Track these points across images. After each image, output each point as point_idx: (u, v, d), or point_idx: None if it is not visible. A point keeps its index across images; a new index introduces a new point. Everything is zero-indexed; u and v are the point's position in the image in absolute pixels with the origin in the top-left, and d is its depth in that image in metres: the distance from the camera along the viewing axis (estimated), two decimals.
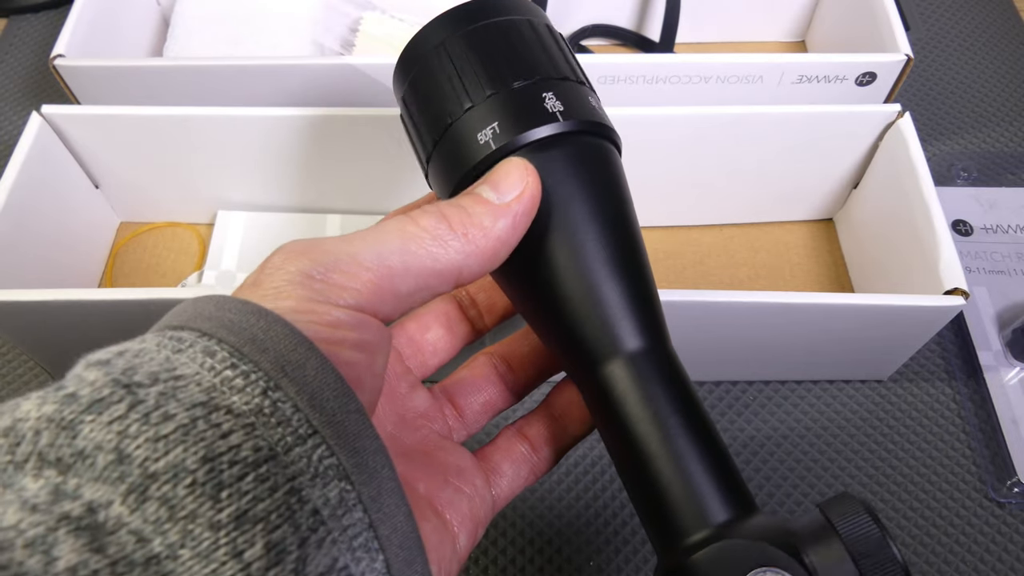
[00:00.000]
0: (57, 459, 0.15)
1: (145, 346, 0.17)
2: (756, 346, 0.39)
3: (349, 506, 0.17)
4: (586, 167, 0.22)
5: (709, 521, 0.20)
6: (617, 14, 0.54)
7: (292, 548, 0.15)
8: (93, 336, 0.36)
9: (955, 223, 0.48)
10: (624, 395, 0.21)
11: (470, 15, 0.23)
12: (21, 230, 0.38)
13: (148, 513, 0.14)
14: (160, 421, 0.15)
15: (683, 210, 0.47)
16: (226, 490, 0.15)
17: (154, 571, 0.14)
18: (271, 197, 0.45)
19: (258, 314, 0.17)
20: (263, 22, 0.50)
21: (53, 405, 0.16)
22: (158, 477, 0.15)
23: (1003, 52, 0.57)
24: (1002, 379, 0.41)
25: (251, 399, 0.16)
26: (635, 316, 0.21)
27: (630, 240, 0.22)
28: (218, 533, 0.15)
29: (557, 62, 0.23)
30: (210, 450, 0.15)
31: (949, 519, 0.38)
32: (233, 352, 0.17)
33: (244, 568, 0.15)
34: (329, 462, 0.16)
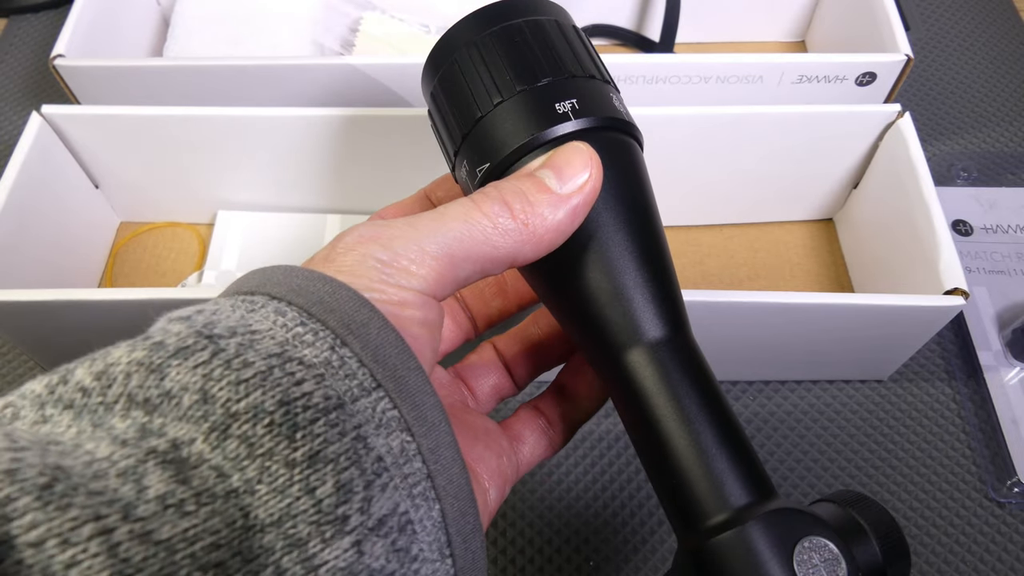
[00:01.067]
0: (145, 399, 0.16)
1: (219, 307, 0.19)
2: (756, 346, 0.39)
3: (409, 456, 0.18)
4: (613, 161, 0.22)
5: (730, 503, 0.20)
6: (617, 14, 0.54)
7: (358, 489, 0.16)
8: (93, 336, 0.36)
9: (955, 223, 0.48)
10: (647, 382, 0.21)
11: (499, 15, 0.24)
12: (21, 230, 0.38)
13: (228, 450, 0.16)
14: (240, 367, 0.16)
15: (683, 210, 0.47)
16: (300, 431, 0.16)
17: (233, 503, 0.15)
18: (271, 197, 0.45)
19: (323, 280, 0.19)
20: (263, 22, 0.50)
21: (143, 351, 0.17)
22: (239, 416, 0.16)
23: (1003, 52, 0.57)
24: (1002, 379, 0.41)
25: (320, 353, 0.17)
26: (658, 306, 0.22)
27: (654, 233, 0.23)
28: (292, 470, 0.16)
29: (583, 61, 0.24)
30: (286, 395, 0.16)
31: (949, 519, 0.38)
32: (302, 312, 0.18)
33: (316, 504, 0.16)
34: (392, 414, 0.18)
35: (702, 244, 0.47)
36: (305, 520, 0.16)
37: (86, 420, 0.16)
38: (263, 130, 0.41)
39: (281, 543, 0.15)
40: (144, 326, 0.20)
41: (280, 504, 0.15)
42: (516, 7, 0.24)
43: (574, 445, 0.40)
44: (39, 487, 0.13)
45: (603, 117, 0.22)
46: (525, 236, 0.20)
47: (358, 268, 0.19)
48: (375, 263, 0.19)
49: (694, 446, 0.20)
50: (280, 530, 0.15)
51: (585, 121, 0.22)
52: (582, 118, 0.22)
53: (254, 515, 0.15)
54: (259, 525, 0.15)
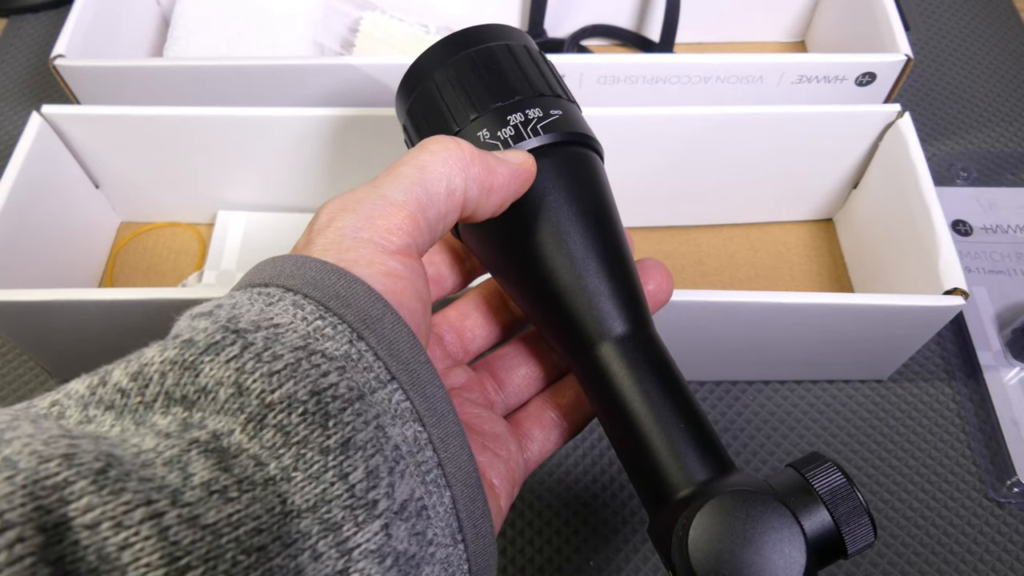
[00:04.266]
0: (183, 396, 0.17)
1: (237, 300, 0.19)
2: (756, 346, 0.39)
3: (422, 444, 0.18)
4: (572, 173, 0.25)
5: (693, 479, 0.22)
6: (617, 14, 0.54)
7: (384, 474, 0.17)
8: (93, 336, 0.36)
9: (955, 223, 0.48)
10: (614, 373, 0.23)
11: (471, 40, 0.26)
12: (21, 230, 0.38)
13: (265, 439, 0.16)
14: (271, 360, 0.17)
15: (683, 210, 0.47)
16: (332, 419, 0.17)
17: (271, 491, 0.16)
18: (271, 197, 0.45)
19: (338, 273, 0.19)
20: (263, 22, 0.50)
21: (174, 350, 0.17)
22: (274, 406, 0.16)
23: (1003, 52, 0.57)
24: (1002, 379, 0.41)
25: (340, 346, 0.18)
26: (621, 304, 0.24)
27: (614, 238, 0.25)
28: (327, 457, 0.16)
29: (539, 80, 0.26)
30: (316, 385, 0.17)
31: (949, 519, 0.38)
32: (319, 306, 0.18)
33: (349, 488, 0.16)
34: (405, 405, 0.18)
35: (702, 244, 0.47)
36: (340, 505, 0.16)
37: (128, 419, 0.17)
38: (263, 130, 0.41)
39: (317, 527, 0.16)
40: (145, 326, 0.20)
41: (316, 490, 0.16)
42: (486, 33, 0.27)
43: (575, 445, 0.40)
44: (95, 471, 0.14)
45: (562, 132, 0.25)
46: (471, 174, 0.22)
47: (343, 243, 0.20)
48: (353, 232, 0.20)
49: (660, 429, 0.22)
50: (316, 515, 0.16)
51: (544, 138, 0.25)
52: (540, 136, 0.24)
53: (291, 501, 0.16)
54: (296, 511, 0.16)
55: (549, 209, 0.24)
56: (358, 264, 0.20)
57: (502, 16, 0.54)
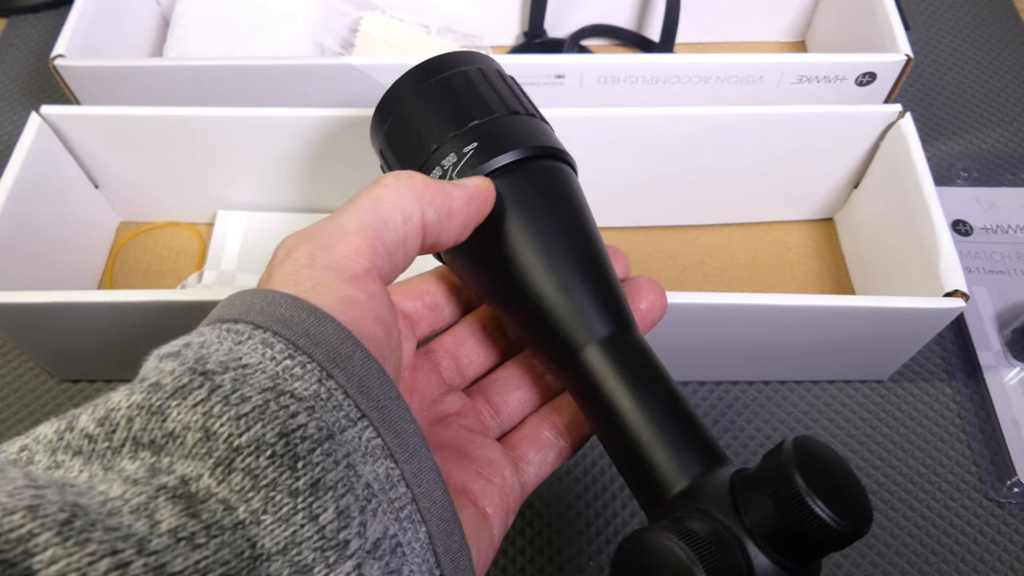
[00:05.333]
0: (150, 441, 0.17)
1: (206, 339, 0.19)
2: (756, 346, 0.39)
3: (394, 481, 0.18)
4: (536, 187, 0.25)
5: (686, 474, 0.22)
6: (617, 14, 0.54)
7: (355, 514, 0.17)
8: (93, 336, 0.36)
9: (955, 223, 0.48)
10: (599, 375, 0.23)
11: (443, 66, 0.27)
12: (21, 230, 0.38)
13: (233, 483, 0.16)
14: (239, 402, 0.17)
15: (683, 210, 0.47)
16: (301, 461, 0.17)
17: (240, 535, 0.16)
18: (271, 197, 0.45)
19: (308, 310, 0.19)
20: (263, 22, 0.50)
21: (141, 394, 0.17)
22: (242, 450, 0.16)
23: (1003, 52, 0.57)
24: (1002, 379, 0.41)
25: (309, 386, 0.18)
26: (604, 308, 0.24)
27: (591, 245, 0.25)
28: (296, 499, 0.16)
29: (508, 100, 0.27)
30: (284, 427, 0.17)
31: (949, 519, 0.38)
32: (288, 344, 0.18)
33: (320, 530, 0.16)
34: (376, 442, 0.18)
35: (702, 244, 0.47)
36: (310, 546, 0.16)
37: (96, 465, 0.17)
38: (263, 130, 0.41)
39: (288, 570, 0.16)
40: (144, 326, 0.20)
41: (285, 532, 0.16)
42: (456, 60, 0.28)
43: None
44: (59, 523, 0.14)
45: (533, 147, 0.26)
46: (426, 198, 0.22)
47: (301, 273, 0.20)
48: (308, 263, 0.20)
49: (649, 428, 0.22)
50: (286, 558, 0.16)
51: (516, 153, 0.25)
52: (513, 150, 0.25)
53: (260, 544, 0.16)
54: (266, 554, 0.16)
55: (518, 225, 0.24)
56: (315, 292, 0.20)
57: (502, 16, 0.54)
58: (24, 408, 0.41)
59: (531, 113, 0.27)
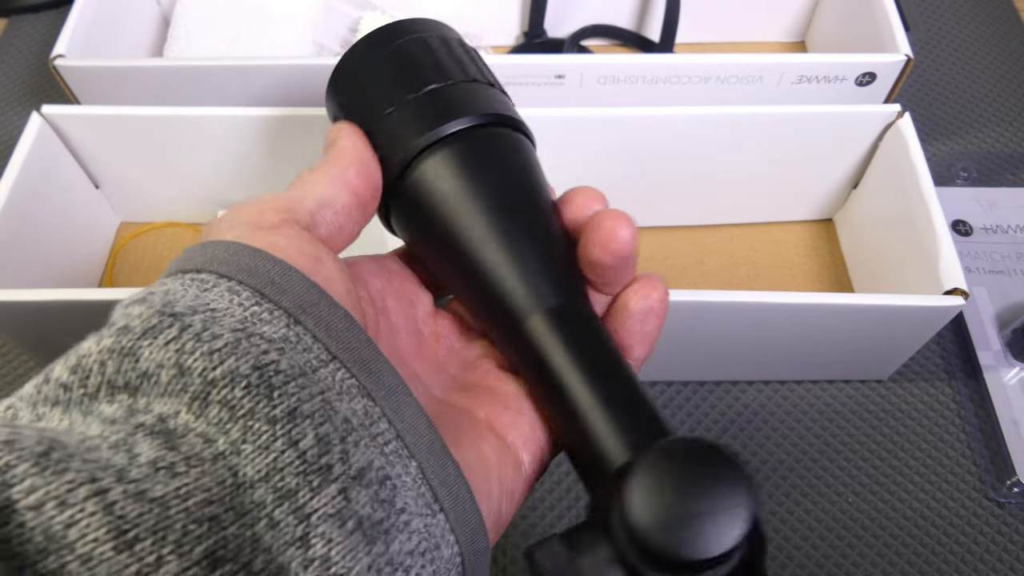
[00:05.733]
0: (125, 383, 0.17)
1: (169, 287, 0.19)
2: (756, 346, 0.39)
3: (374, 418, 0.19)
4: (496, 151, 0.25)
5: (630, 447, 0.21)
6: (617, 14, 0.54)
7: (336, 442, 0.17)
8: None
9: (955, 223, 0.48)
10: (546, 345, 0.22)
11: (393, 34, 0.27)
12: (21, 230, 0.38)
13: (211, 416, 0.16)
14: (211, 339, 0.17)
15: (683, 210, 0.47)
16: (276, 391, 0.17)
17: (222, 464, 0.16)
18: None
19: (272, 261, 0.19)
20: (263, 22, 0.50)
21: (110, 339, 0.17)
22: (217, 383, 0.16)
23: (1003, 52, 0.57)
24: (1002, 379, 0.41)
25: (277, 330, 0.18)
26: (550, 277, 0.23)
27: (538, 214, 0.24)
28: (275, 426, 0.16)
29: (465, 67, 0.26)
30: (257, 360, 0.17)
31: (949, 519, 0.38)
32: (255, 292, 0.19)
33: (300, 455, 0.16)
34: (350, 382, 0.19)
35: (702, 244, 0.47)
36: (292, 472, 0.16)
37: (75, 412, 0.17)
38: (263, 130, 0.41)
39: (271, 496, 0.16)
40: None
41: (266, 460, 0.16)
42: (408, 27, 0.27)
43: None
44: (36, 455, 0.14)
45: (486, 114, 0.25)
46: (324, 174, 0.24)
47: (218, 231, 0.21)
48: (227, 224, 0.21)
49: (593, 400, 0.21)
50: (269, 484, 0.16)
51: (470, 119, 0.25)
52: (467, 116, 0.25)
53: (242, 473, 0.16)
54: (248, 482, 0.16)
55: (463, 192, 0.24)
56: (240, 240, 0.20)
57: (502, 16, 0.54)
58: None
59: (489, 82, 0.27)
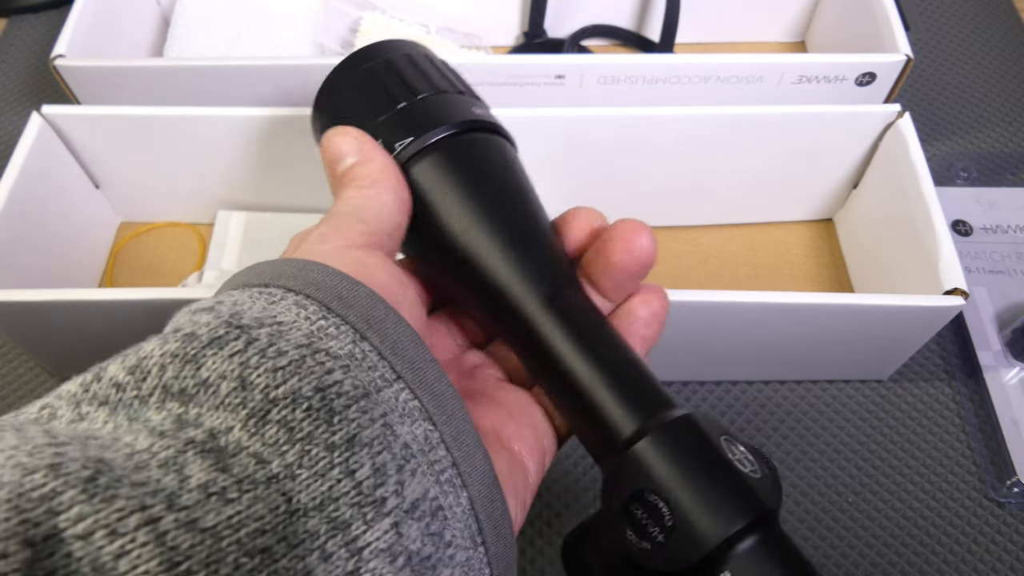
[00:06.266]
0: (181, 390, 0.16)
1: (237, 298, 0.19)
2: (756, 346, 0.39)
3: (433, 444, 0.18)
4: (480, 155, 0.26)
5: (636, 419, 0.22)
6: (617, 14, 0.54)
7: (392, 472, 0.17)
8: (93, 336, 0.36)
9: (955, 223, 0.48)
10: (546, 329, 0.23)
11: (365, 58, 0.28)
12: (21, 230, 0.38)
13: (267, 436, 0.16)
14: (276, 355, 0.17)
15: (683, 210, 0.47)
16: (337, 416, 0.16)
17: (275, 489, 0.15)
18: (271, 197, 0.45)
19: (339, 276, 0.19)
20: (263, 22, 0.50)
21: (176, 343, 0.17)
22: (278, 402, 0.16)
23: (1003, 52, 0.57)
24: (1002, 379, 0.41)
25: (343, 345, 0.18)
26: (544, 265, 0.24)
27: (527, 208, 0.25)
28: (332, 453, 0.16)
29: (434, 80, 0.27)
30: (320, 382, 0.17)
31: (949, 519, 0.38)
32: (321, 307, 0.19)
33: (356, 485, 0.16)
34: (413, 404, 0.18)
35: (702, 244, 0.47)
36: (347, 502, 0.16)
37: (122, 415, 0.16)
38: (263, 130, 0.41)
39: (325, 527, 0.15)
40: (145, 326, 0.20)
41: (322, 487, 0.16)
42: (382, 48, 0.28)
43: (574, 444, 0.40)
44: (83, 480, 0.13)
45: (462, 122, 0.26)
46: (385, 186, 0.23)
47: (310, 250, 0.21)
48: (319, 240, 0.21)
49: (597, 377, 0.22)
50: (323, 513, 0.16)
51: (445, 128, 0.25)
52: (443, 126, 0.25)
53: (296, 500, 0.15)
54: (302, 509, 0.15)
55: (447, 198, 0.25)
56: (331, 257, 0.20)
57: (502, 16, 0.54)
58: None
59: (460, 91, 0.27)
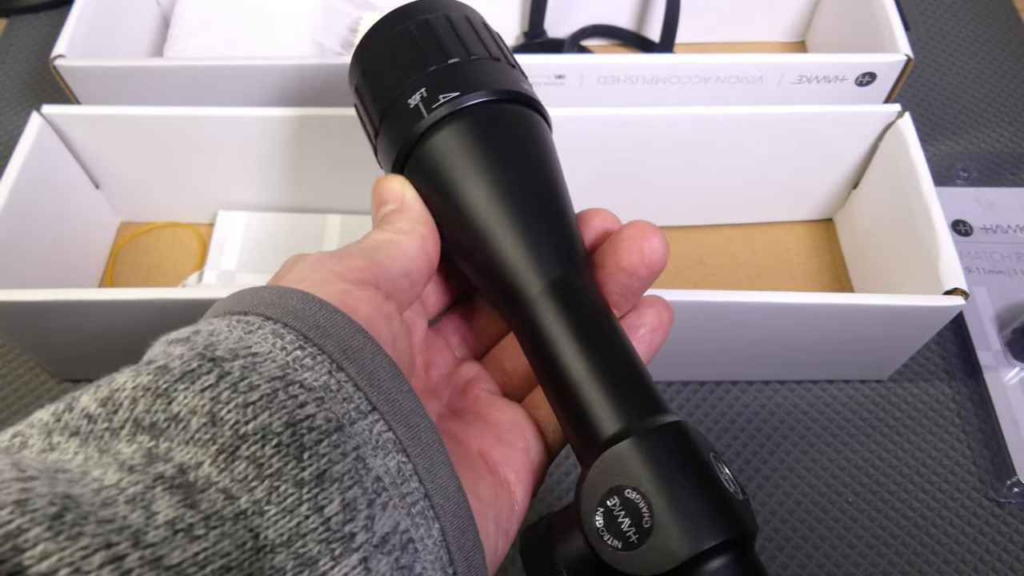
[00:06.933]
0: (152, 424, 0.16)
1: (215, 327, 0.19)
2: (756, 346, 0.39)
3: (406, 476, 0.18)
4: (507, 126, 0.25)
5: (619, 419, 0.21)
6: (617, 14, 0.54)
7: (362, 507, 0.17)
8: (93, 336, 0.36)
9: (955, 223, 0.48)
10: (545, 318, 0.23)
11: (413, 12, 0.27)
12: (21, 230, 0.38)
13: (236, 472, 0.16)
14: (247, 390, 0.17)
15: (683, 210, 0.47)
16: (307, 451, 0.16)
17: (242, 525, 0.15)
18: (271, 197, 0.45)
19: (319, 304, 0.19)
20: (263, 22, 0.50)
21: (148, 376, 0.17)
22: (248, 438, 0.16)
23: (1003, 52, 0.57)
24: (1002, 379, 0.41)
25: (319, 376, 0.18)
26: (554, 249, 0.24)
27: (547, 188, 0.25)
28: (301, 490, 0.16)
29: (487, 46, 0.27)
30: (291, 416, 0.17)
31: (949, 519, 0.38)
32: (299, 336, 0.18)
33: (324, 522, 0.16)
34: (387, 436, 0.18)
35: (702, 244, 0.47)
36: (315, 538, 0.16)
37: (92, 446, 0.16)
38: (263, 130, 0.41)
39: (292, 563, 0.15)
40: (145, 326, 0.20)
41: (290, 524, 0.16)
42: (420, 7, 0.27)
43: (568, 451, 0.40)
44: (49, 517, 0.13)
45: (501, 90, 0.25)
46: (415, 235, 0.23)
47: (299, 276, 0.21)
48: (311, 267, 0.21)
49: (586, 370, 0.22)
50: (290, 550, 0.16)
51: (483, 94, 0.25)
52: (480, 91, 0.25)
53: (264, 536, 0.15)
54: (269, 546, 0.15)
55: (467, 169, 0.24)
56: (317, 286, 0.20)
57: (502, 16, 0.54)
58: (24, 408, 0.41)
59: (495, 57, 0.27)
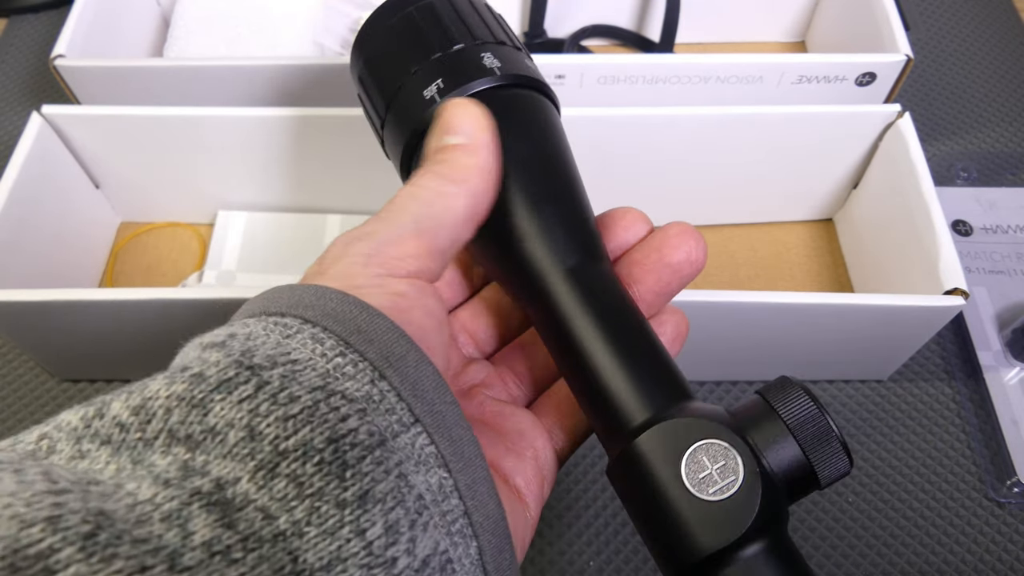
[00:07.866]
0: (187, 436, 0.16)
1: (252, 330, 0.18)
2: (756, 346, 0.39)
3: (447, 493, 0.17)
4: (520, 113, 0.24)
5: (647, 406, 0.21)
6: (617, 14, 0.54)
7: (404, 529, 0.16)
8: (93, 336, 0.36)
9: (955, 223, 0.48)
10: (566, 305, 0.22)
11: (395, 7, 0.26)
12: (21, 230, 0.38)
13: (275, 490, 0.15)
14: (287, 402, 0.16)
15: (683, 210, 0.47)
16: (350, 470, 0.16)
17: (281, 547, 0.15)
18: (271, 197, 0.45)
19: (360, 306, 0.18)
20: (263, 22, 0.50)
21: (183, 384, 0.16)
22: (288, 454, 0.15)
23: (1003, 52, 0.57)
24: (1002, 379, 0.41)
25: (361, 386, 0.17)
26: (573, 236, 0.23)
27: (562, 174, 0.24)
28: (343, 511, 0.15)
29: (492, 30, 0.26)
30: (334, 431, 0.16)
31: (949, 519, 0.38)
32: (339, 341, 0.17)
33: (367, 546, 0.15)
34: (430, 450, 0.17)
35: None
36: (356, 563, 0.15)
37: (125, 457, 0.16)
38: (263, 130, 0.41)
39: None
40: (145, 326, 0.19)
41: (331, 547, 0.15)
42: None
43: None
44: (82, 536, 0.13)
45: (514, 75, 0.24)
46: (470, 190, 0.22)
47: (352, 270, 0.20)
48: (362, 260, 0.20)
49: (613, 358, 0.21)
50: (330, 575, 0.15)
51: (496, 79, 0.24)
52: (493, 76, 0.24)
53: (303, 559, 0.15)
54: (308, 570, 0.15)
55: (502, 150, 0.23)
56: (366, 288, 0.19)
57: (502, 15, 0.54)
58: (24, 408, 0.41)
59: (500, 41, 0.26)
